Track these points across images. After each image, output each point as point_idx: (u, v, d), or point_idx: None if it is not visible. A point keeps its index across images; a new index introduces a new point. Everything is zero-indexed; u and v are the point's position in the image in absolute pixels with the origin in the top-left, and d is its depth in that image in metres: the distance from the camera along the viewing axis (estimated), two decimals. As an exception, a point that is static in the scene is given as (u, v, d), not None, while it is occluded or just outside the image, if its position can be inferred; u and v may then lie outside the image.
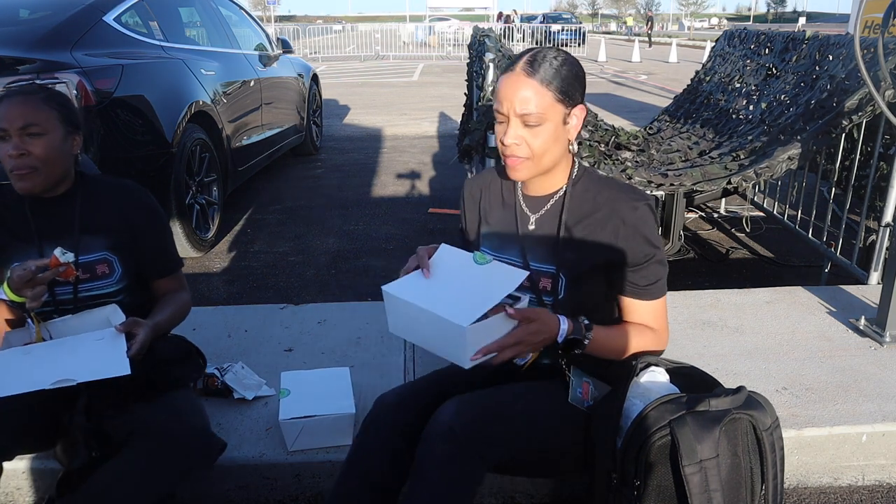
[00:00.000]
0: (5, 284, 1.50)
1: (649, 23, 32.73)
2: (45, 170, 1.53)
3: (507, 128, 1.32)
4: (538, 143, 1.32)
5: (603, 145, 3.23)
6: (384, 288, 1.30)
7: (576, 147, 1.42)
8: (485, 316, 1.21)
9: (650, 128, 4.44)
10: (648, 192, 3.13)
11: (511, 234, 1.47)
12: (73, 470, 1.46)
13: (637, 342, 1.42)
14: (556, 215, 1.43)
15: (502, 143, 1.34)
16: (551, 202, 1.44)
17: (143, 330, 1.50)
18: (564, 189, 1.43)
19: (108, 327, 1.50)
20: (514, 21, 26.84)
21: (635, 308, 1.43)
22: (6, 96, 1.50)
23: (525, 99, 1.29)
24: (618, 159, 3.22)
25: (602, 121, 3.56)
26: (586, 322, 1.36)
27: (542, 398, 1.39)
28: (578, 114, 1.35)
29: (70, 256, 1.49)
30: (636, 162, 3.27)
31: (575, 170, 1.45)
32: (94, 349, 1.45)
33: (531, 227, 1.45)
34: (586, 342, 1.35)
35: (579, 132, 1.43)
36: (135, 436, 1.43)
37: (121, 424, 1.47)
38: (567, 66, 1.33)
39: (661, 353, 1.47)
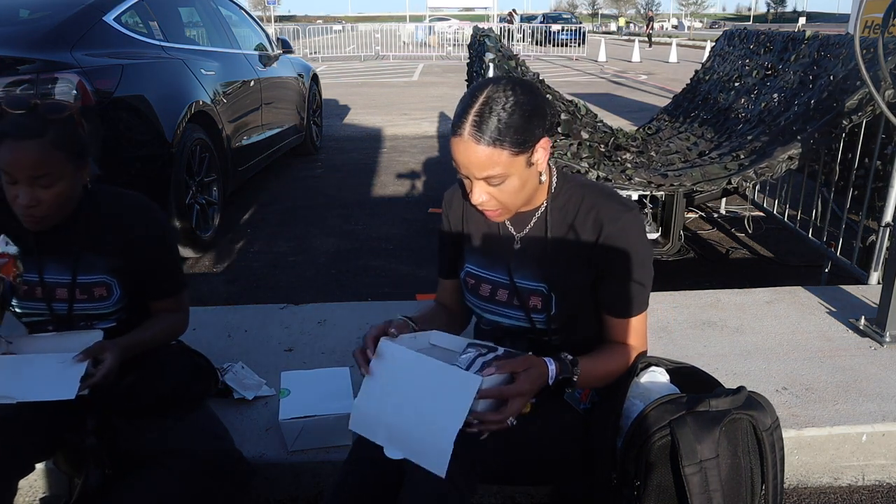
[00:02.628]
0: None
1: (649, 23, 32.69)
2: (57, 212, 1.46)
3: (472, 186, 1.28)
4: (506, 196, 1.29)
5: (602, 146, 3.23)
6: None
7: (545, 178, 1.36)
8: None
9: (649, 127, 4.44)
10: (649, 192, 3.13)
11: (496, 253, 1.44)
12: (89, 489, 1.45)
13: (618, 364, 1.40)
14: (541, 231, 1.40)
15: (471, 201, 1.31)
16: (535, 219, 1.40)
17: (110, 356, 1.43)
18: (546, 205, 1.39)
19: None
20: (514, 21, 26.81)
21: (613, 325, 1.41)
22: (11, 135, 1.36)
23: (480, 165, 1.23)
24: (617, 160, 3.23)
25: (601, 121, 3.56)
26: (570, 358, 1.32)
27: (540, 413, 1.36)
28: (544, 146, 1.28)
29: (13, 249, 1.39)
30: (636, 163, 3.27)
31: (554, 182, 1.40)
32: (49, 371, 1.41)
33: (517, 247, 1.42)
34: (575, 378, 1.31)
35: (562, 150, 1.39)
36: (162, 457, 1.43)
37: (144, 444, 1.46)
38: (519, 110, 1.22)
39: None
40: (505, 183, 1.26)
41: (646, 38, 29.64)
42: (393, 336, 1.31)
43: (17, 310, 1.58)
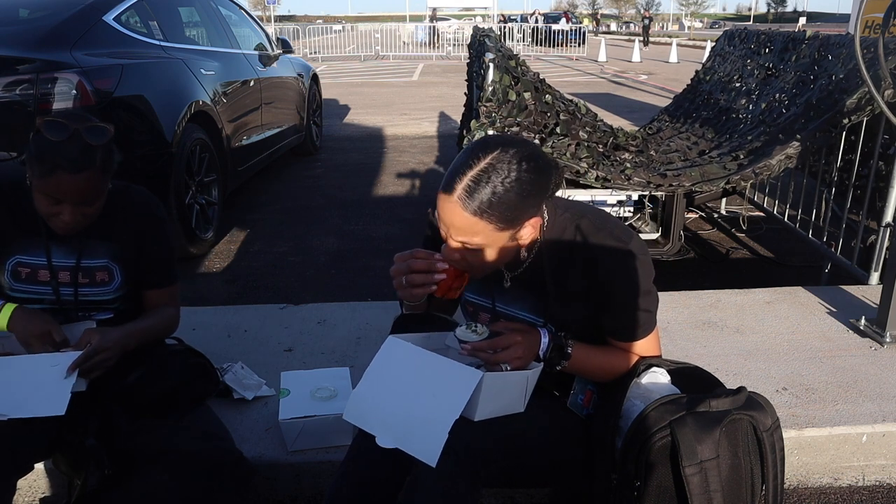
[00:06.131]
0: (7, 311, 1.49)
1: (648, 23, 32.40)
2: (91, 220, 1.55)
3: (447, 238, 1.23)
4: (478, 261, 1.25)
5: (601, 146, 3.23)
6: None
7: (526, 253, 1.32)
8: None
9: (649, 127, 4.44)
10: (647, 192, 3.13)
11: (488, 287, 1.43)
12: (89, 490, 1.45)
13: (620, 362, 1.39)
14: (535, 269, 1.36)
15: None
16: (529, 258, 1.36)
17: (98, 337, 1.47)
18: (538, 242, 1.35)
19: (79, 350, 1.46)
20: (537, 21, 26.78)
21: (624, 347, 1.41)
22: (64, 168, 1.40)
23: (460, 230, 1.19)
24: (616, 160, 3.22)
25: (601, 121, 3.55)
26: (563, 333, 1.33)
27: (541, 416, 1.37)
28: (534, 224, 1.24)
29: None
30: (635, 162, 3.26)
31: (546, 216, 1.34)
32: (41, 380, 1.41)
33: (507, 285, 1.40)
34: (569, 350, 1.32)
35: (541, 225, 1.31)
36: (162, 457, 1.43)
37: (144, 444, 1.47)
38: (518, 188, 1.16)
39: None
40: (481, 251, 1.23)
41: (643, 39, 29.49)
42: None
43: (21, 295, 1.60)
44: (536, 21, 26.57)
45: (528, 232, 1.25)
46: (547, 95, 3.18)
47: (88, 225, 1.57)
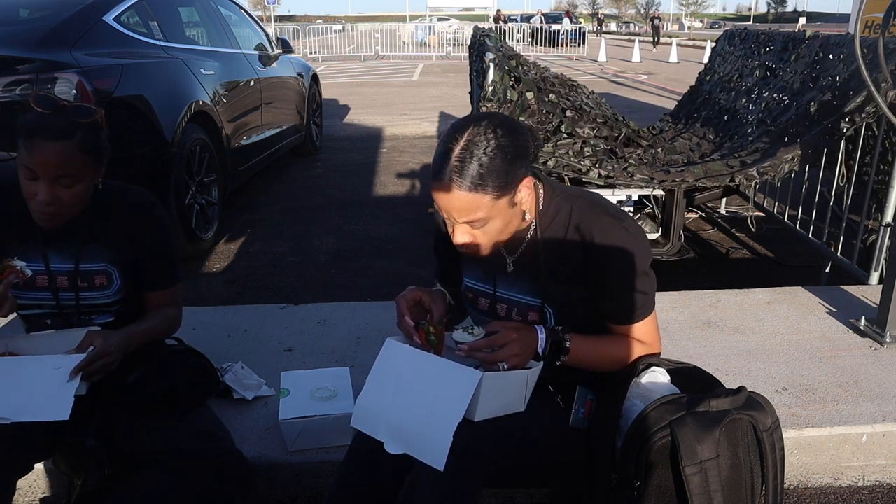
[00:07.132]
0: None
1: (658, 22, 31.95)
2: (71, 211, 1.50)
3: (453, 228, 1.28)
4: (489, 237, 1.28)
5: (611, 141, 3.22)
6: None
7: (529, 216, 1.34)
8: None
9: (653, 128, 4.44)
10: (650, 191, 3.12)
11: (491, 269, 1.44)
12: (89, 490, 1.45)
13: (620, 351, 1.39)
14: (533, 252, 1.38)
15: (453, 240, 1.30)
16: (525, 242, 1.38)
17: (100, 340, 1.45)
18: (535, 224, 1.37)
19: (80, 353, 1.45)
20: (541, 22, 26.69)
21: (622, 331, 1.41)
22: (41, 135, 1.39)
23: (462, 210, 1.23)
24: (622, 157, 3.22)
25: (614, 113, 3.54)
26: (560, 327, 1.34)
27: (541, 416, 1.37)
28: (527, 185, 1.27)
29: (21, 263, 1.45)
30: (640, 160, 3.26)
31: (542, 198, 1.37)
32: (44, 383, 1.39)
33: (510, 269, 1.41)
34: (567, 344, 1.32)
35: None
36: (162, 457, 1.43)
37: (144, 444, 1.47)
38: (501, 153, 1.21)
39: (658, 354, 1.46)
40: (487, 225, 1.26)
41: (648, 40, 29.35)
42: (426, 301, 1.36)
43: (20, 301, 1.58)
44: (541, 22, 26.51)
45: (525, 194, 1.28)
46: (551, 95, 3.18)
47: (79, 225, 1.54)
